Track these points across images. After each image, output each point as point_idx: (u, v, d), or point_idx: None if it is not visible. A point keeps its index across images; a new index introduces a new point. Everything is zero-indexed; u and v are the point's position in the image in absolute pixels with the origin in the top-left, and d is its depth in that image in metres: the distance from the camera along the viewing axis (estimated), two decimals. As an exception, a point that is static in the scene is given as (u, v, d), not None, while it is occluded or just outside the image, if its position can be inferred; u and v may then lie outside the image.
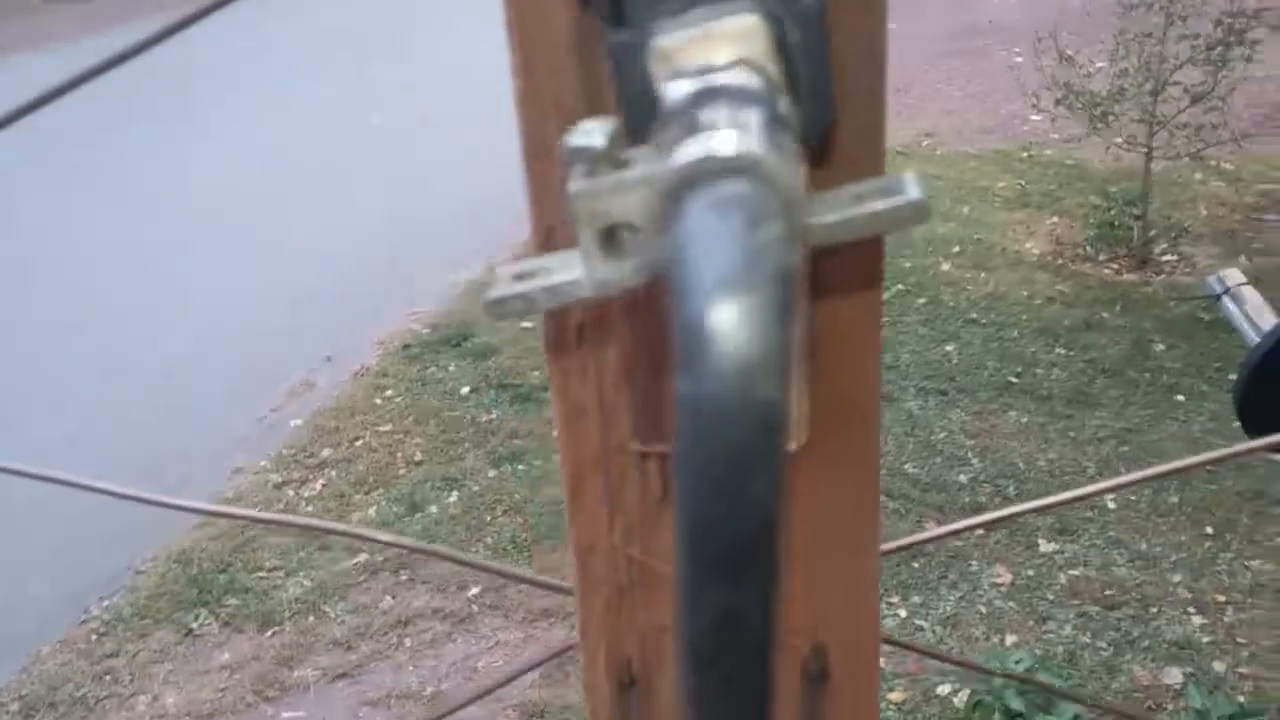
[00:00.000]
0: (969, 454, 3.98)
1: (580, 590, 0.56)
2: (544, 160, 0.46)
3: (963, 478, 3.85)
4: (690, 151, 0.26)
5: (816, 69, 0.34)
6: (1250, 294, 1.93)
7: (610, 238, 0.34)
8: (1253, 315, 1.90)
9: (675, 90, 0.31)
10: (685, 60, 0.33)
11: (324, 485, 4.02)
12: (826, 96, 0.35)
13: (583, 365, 0.52)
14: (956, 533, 0.83)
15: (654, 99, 0.33)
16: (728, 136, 0.27)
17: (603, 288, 0.35)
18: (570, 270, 0.35)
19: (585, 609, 0.57)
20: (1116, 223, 5.56)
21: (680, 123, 0.29)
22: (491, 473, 4.05)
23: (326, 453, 4.21)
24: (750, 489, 0.24)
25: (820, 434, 0.51)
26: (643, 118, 0.34)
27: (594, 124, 0.33)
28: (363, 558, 3.67)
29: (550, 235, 0.48)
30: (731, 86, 0.30)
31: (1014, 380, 4.47)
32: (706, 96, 0.29)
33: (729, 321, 0.23)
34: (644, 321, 0.49)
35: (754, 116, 0.28)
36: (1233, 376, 4.21)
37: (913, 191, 0.34)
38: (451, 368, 4.76)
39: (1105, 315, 4.94)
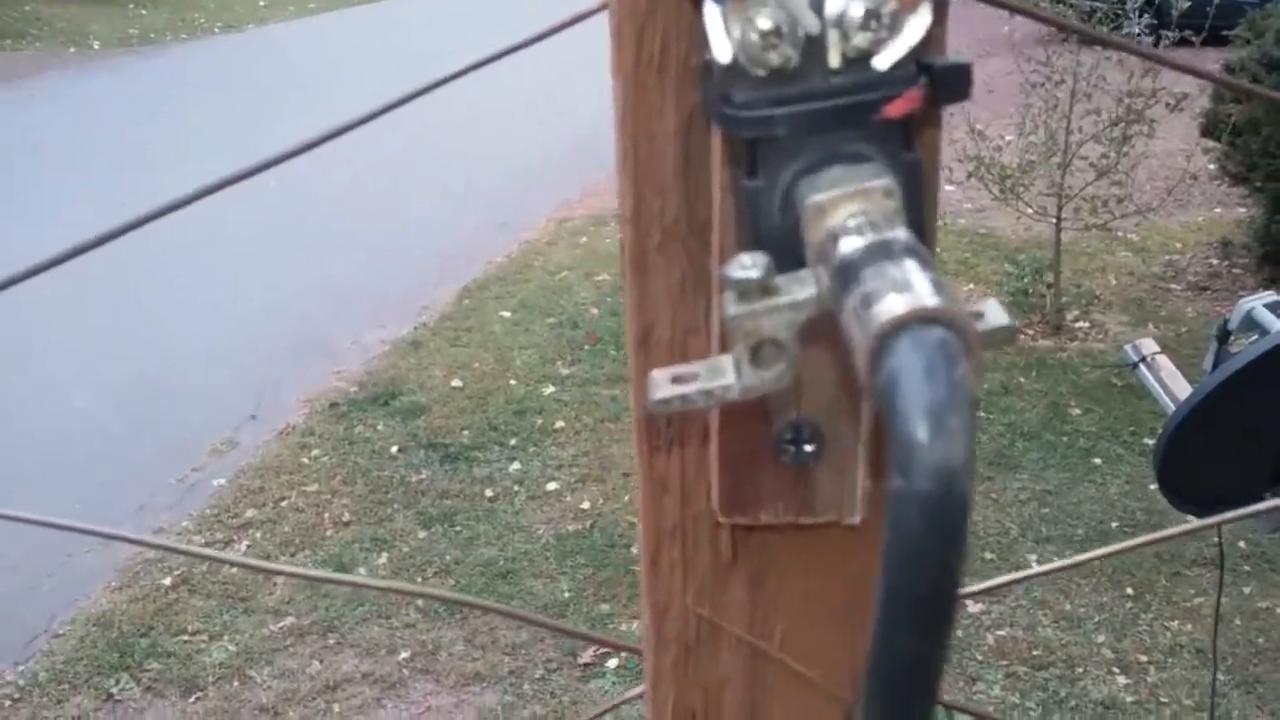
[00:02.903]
0: (897, 515, 4.04)
1: (653, 647, 0.60)
2: (644, 270, 0.51)
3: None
4: (895, 305, 0.32)
5: (917, 215, 0.40)
6: (1164, 362, 2.01)
7: (758, 351, 0.39)
8: (1168, 382, 1.98)
9: (849, 245, 0.36)
10: (839, 216, 0.38)
11: (248, 547, 3.93)
12: (924, 239, 0.40)
13: (669, 443, 0.56)
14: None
15: (785, 240, 0.40)
16: (922, 291, 0.32)
17: (749, 392, 0.40)
18: (722, 377, 0.41)
19: (656, 665, 0.60)
20: (1030, 290, 5.76)
21: (866, 276, 0.34)
22: (422, 534, 4.00)
23: (251, 513, 4.11)
24: (951, 562, 0.30)
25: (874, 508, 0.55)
26: (774, 251, 0.40)
27: (748, 258, 0.38)
28: (289, 621, 3.58)
29: (648, 333, 0.53)
30: (897, 243, 0.36)
31: (937, 442, 4.57)
32: (881, 252, 0.35)
33: (939, 438, 0.29)
34: (726, 409, 0.53)
35: (923, 271, 0.34)
36: (1146, 440, 4.37)
37: (1001, 318, 0.40)
38: (380, 426, 4.70)
39: (1022, 380, 5.10)
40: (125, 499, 4.15)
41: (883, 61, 0.39)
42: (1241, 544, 3.78)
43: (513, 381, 5.12)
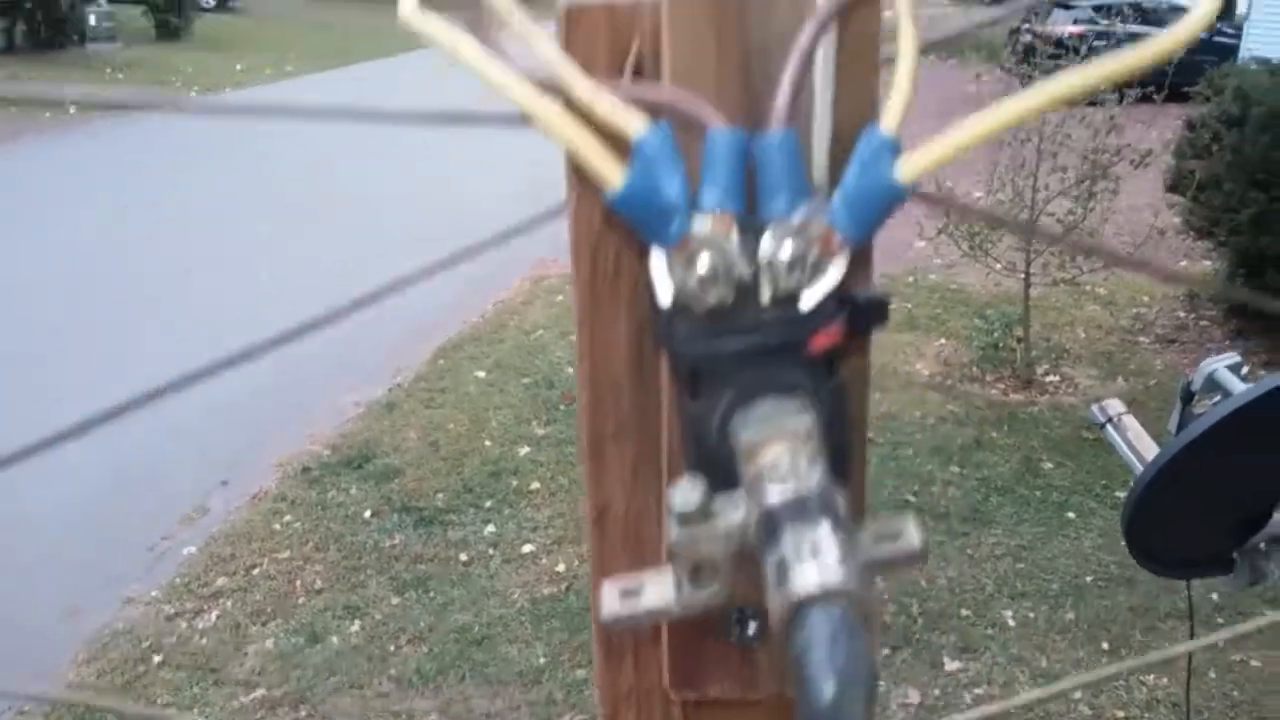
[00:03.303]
0: (873, 573, 4.04)
1: None
2: (600, 456, 0.56)
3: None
4: (808, 579, 0.37)
5: (841, 433, 0.46)
6: (1131, 423, 2.02)
7: (697, 571, 0.44)
8: (1135, 443, 1.98)
9: (773, 494, 0.41)
10: (767, 458, 0.43)
11: (219, 616, 3.87)
12: (844, 456, 0.46)
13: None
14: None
15: (722, 460, 0.45)
16: (830, 562, 0.38)
17: (688, 609, 0.45)
18: (663, 593, 0.46)
19: None
20: (1000, 345, 5.81)
21: (785, 538, 0.39)
22: (395, 600, 3.96)
23: (222, 581, 4.06)
24: None
25: None
26: (710, 473, 0.45)
27: (688, 485, 0.43)
28: (259, 693, 3.53)
29: (603, 513, 0.58)
30: (813, 500, 0.40)
31: (911, 498, 4.58)
32: (798, 511, 0.40)
33: (840, 704, 0.35)
34: None
35: (834, 535, 0.39)
36: (1118, 494, 4.39)
37: (913, 542, 0.45)
38: (353, 491, 4.67)
39: (995, 434, 5.12)
40: (95, 568, 4.09)
41: (808, 301, 0.44)
42: (1214, 596, 3.79)
43: (488, 442, 5.11)
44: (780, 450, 0.43)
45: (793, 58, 0.45)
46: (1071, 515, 4.44)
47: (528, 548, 4.27)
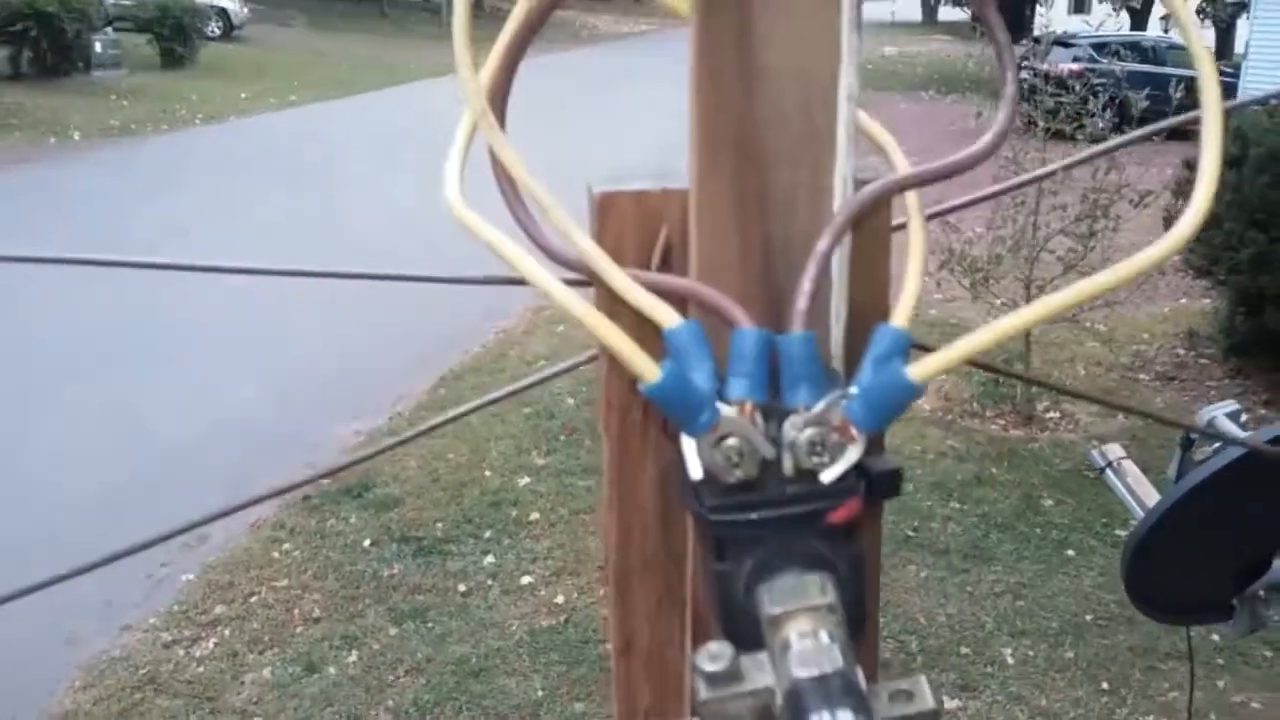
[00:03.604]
0: (872, 609, 4.03)
1: None
2: (627, 589, 0.59)
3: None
4: None
5: (859, 593, 0.49)
6: (1131, 468, 2.03)
7: None
8: (1134, 488, 2.00)
9: (798, 669, 0.44)
10: (792, 632, 0.46)
11: (216, 644, 3.86)
12: (861, 619, 0.50)
13: None
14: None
15: (746, 618, 0.48)
16: None
17: None
18: None
19: None
20: (1001, 381, 5.82)
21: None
22: (393, 630, 3.95)
23: (219, 609, 4.06)
24: None
25: None
26: (735, 629, 0.48)
27: (716, 648, 0.45)
28: (256, 723, 3.52)
29: (629, 645, 0.61)
30: (836, 681, 0.43)
31: (912, 534, 4.58)
32: (821, 694, 0.43)
33: None
34: None
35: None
36: (1119, 532, 4.39)
37: (927, 703, 0.48)
38: (352, 519, 4.67)
39: (995, 470, 5.13)
40: (92, 595, 4.07)
41: (828, 477, 0.48)
42: (1215, 637, 3.78)
43: (488, 473, 5.11)
44: (804, 625, 0.46)
45: (811, 264, 0.49)
46: (1071, 553, 4.44)
47: (526, 579, 4.27)
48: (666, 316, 0.50)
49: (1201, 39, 0.53)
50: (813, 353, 0.48)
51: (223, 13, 24.01)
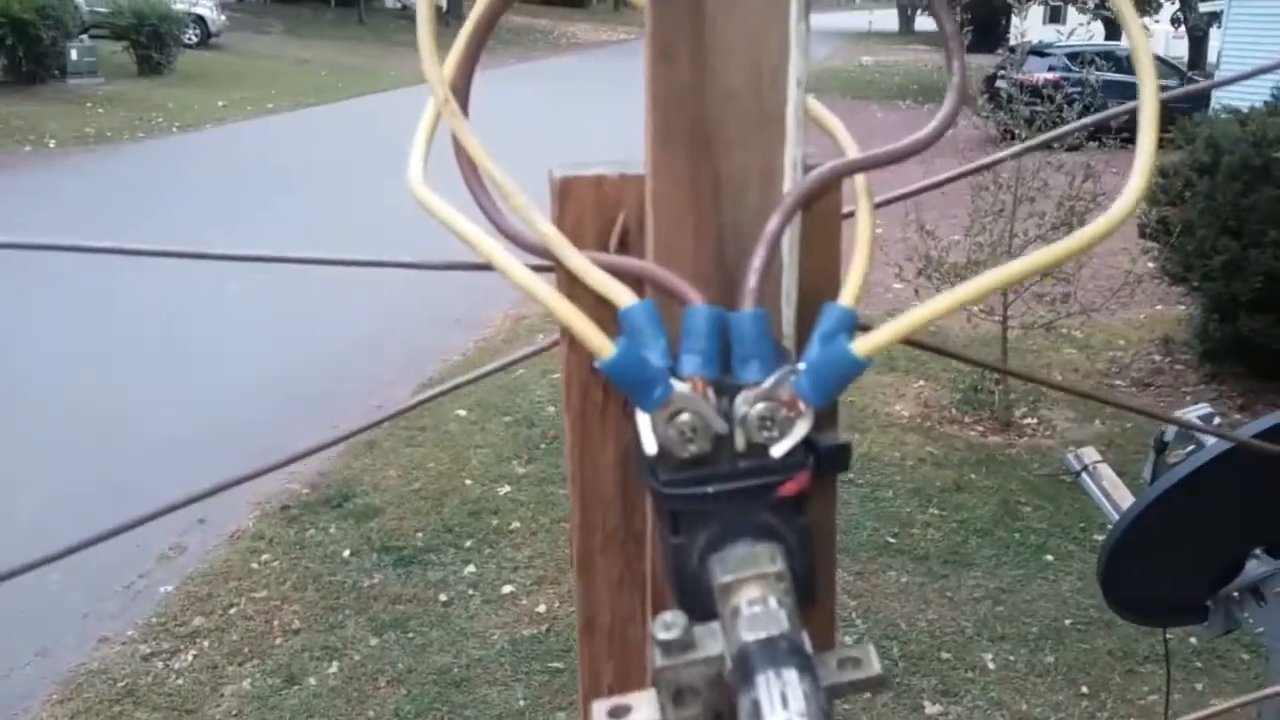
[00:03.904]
0: (853, 615, 4.05)
1: None
2: (589, 569, 0.61)
3: (847, 640, 3.89)
4: None
5: (809, 565, 0.51)
6: (1106, 471, 2.06)
7: (679, 696, 0.48)
8: (1110, 491, 2.03)
9: (747, 634, 0.46)
10: (742, 599, 0.48)
11: (195, 656, 3.84)
12: (812, 587, 0.51)
13: None
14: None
15: (701, 589, 0.50)
16: (795, 711, 0.42)
17: None
18: (650, 714, 0.50)
19: None
20: (979, 387, 5.86)
21: (758, 681, 0.44)
22: (374, 641, 3.94)
23: (198, 621, 4.03)
24: None
25: None
26: (690, 600, 0.50)
27: (670, 618, 0.47)
28: (236, 734, 3.50)
29: (592, 621, 0.62)
30: (783, 643, 0.45)
31: (891, 540, 4.60)
32: (769, 655, 0.45)
33: None
34: None
35: (802, 690, 0.43)
36: (1096, 536, 4.42)
37: (874, 668, 0.51)
38: (332, 529, 4.65)
39: (974, 476, 5.15)
40: (69, 607, 4.05)
41: (778, 451, 0.49)
42: (1193, 640, 3.81)
43: (468, 481, 5.10)
44: (754, 592, 0.48)
45: (761, 244, 0.51)
46: (1050, 558, 4.47)
47: (508, 588, 4.26)
48: (622, 296, 0.51)
49: (1142, 31, 0.54)
50: (764, 330, 0.50)
51: (200, 20, 23.91)
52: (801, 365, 0.50)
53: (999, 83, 9.56)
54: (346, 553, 4.49)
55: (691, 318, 0.50)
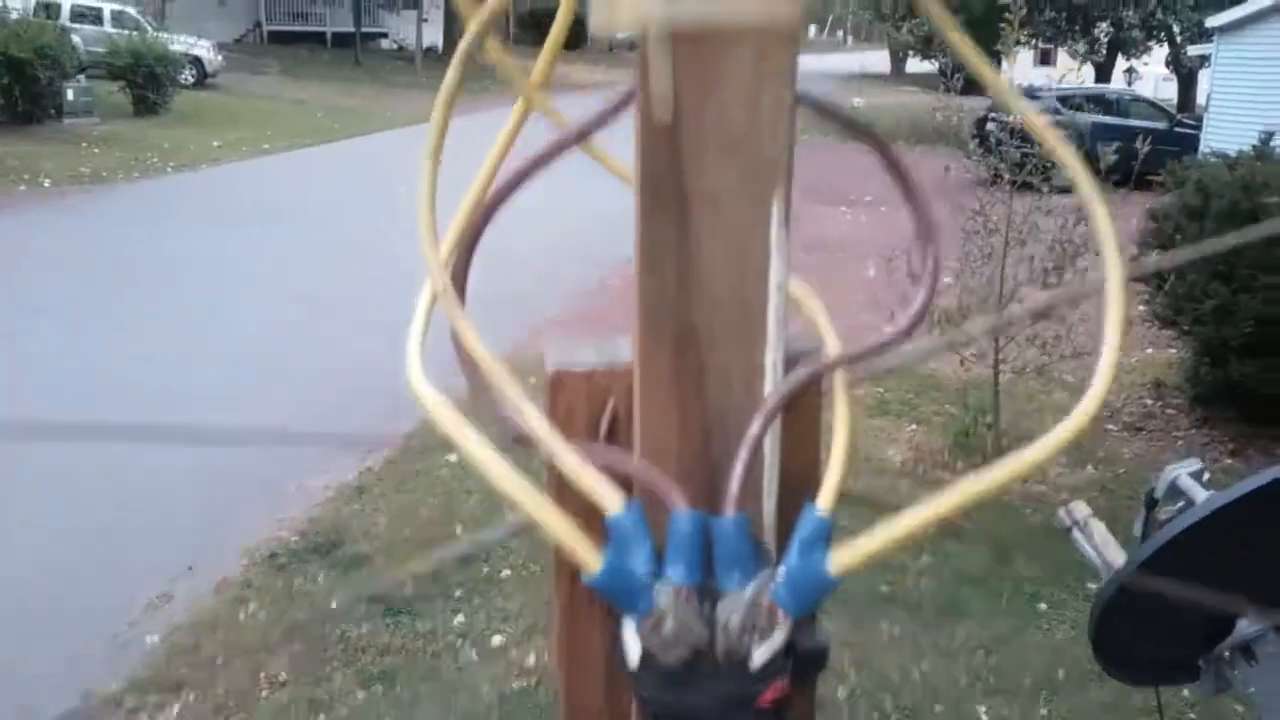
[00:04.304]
0: (846, 666, 4.01)
1: None
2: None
3: (841, 692, 3.86)
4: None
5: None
6: (1097, 527, 2.05)
7: None
8: (1101, 549, 2.01)
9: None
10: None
11: (180, 710, 3.79)
12: None
13: None
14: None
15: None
16: None
17: None
18: None
19: None
20: (971, 431, 5.85)
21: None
22: (361, 694, 3.89)
23: (184, 673, 3.98)
24: None
25: None
26: None
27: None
28: (220, 790, 3.44)
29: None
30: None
31: (886, 589, 4.57)
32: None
33: None
34: None
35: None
36: (1090, 585, 4.39)
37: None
38: (320, 578, 4.61)
39: (966, 524, 5.13)
40: (52, 658, 4.00)
41: (757, 659, 0.51)
42: (1185, 693, 3.78)
43: (459, 529, 5.07)
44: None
45: (744, 448, 0.53)
46: (1044, 606, 4.44)
47: (497, 639, 4.22)
48: (610, 502, 0.53)
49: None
50: (745, 533, 0.52)
51: (196, 60, 24.06)
52: (781, 570, 0.52)
53: (989, 125, 9.64)
54: (334, 603, 4.44)
55: (676, 523, 0.52)
